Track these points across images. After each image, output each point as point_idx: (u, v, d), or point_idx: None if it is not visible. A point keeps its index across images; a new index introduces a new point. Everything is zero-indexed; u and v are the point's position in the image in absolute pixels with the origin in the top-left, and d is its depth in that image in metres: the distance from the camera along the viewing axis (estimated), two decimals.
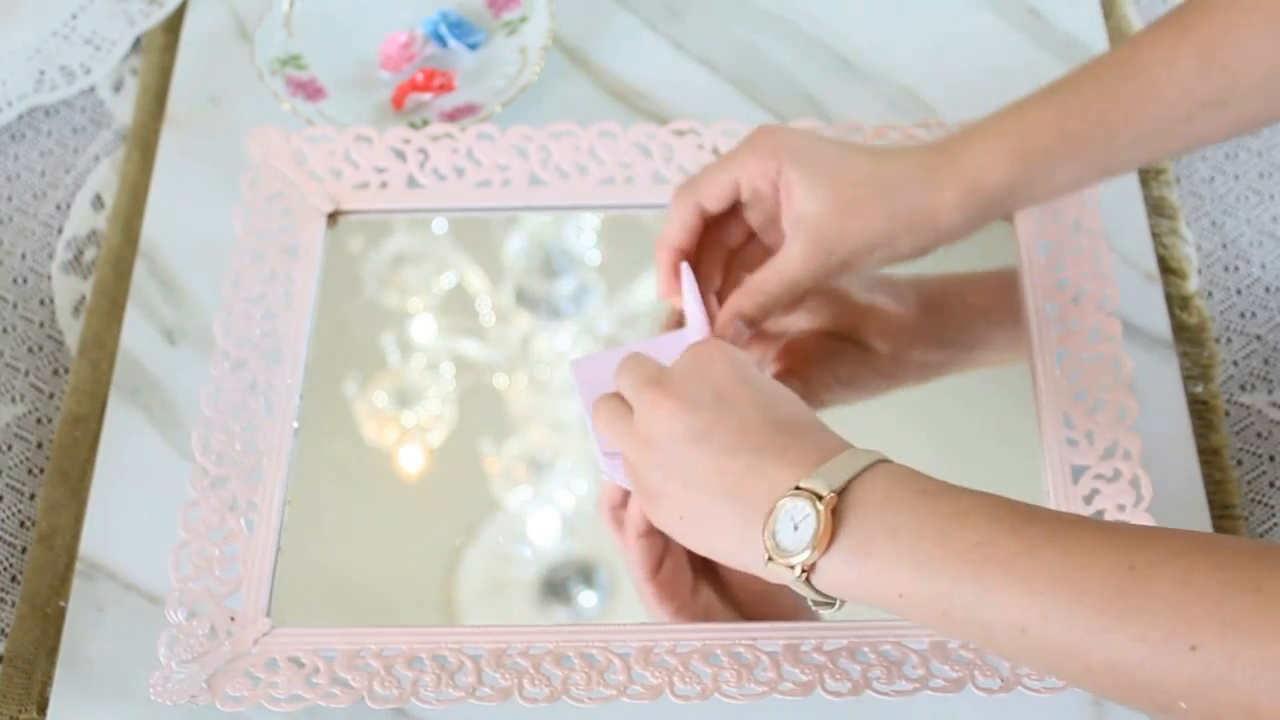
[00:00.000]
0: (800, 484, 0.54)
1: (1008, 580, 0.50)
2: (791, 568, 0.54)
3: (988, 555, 0.51)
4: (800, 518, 0.54)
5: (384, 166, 0.80)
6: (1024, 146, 0.65)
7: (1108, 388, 0.71)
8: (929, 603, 0.52)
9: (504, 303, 0.78)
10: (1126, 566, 0.49)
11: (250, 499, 0.70)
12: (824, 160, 0.66)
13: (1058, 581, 0.50)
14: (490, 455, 0.73)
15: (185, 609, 0.67)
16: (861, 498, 0.54)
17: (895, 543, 0.53)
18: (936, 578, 0.52)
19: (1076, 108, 0.65)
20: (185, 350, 0.77)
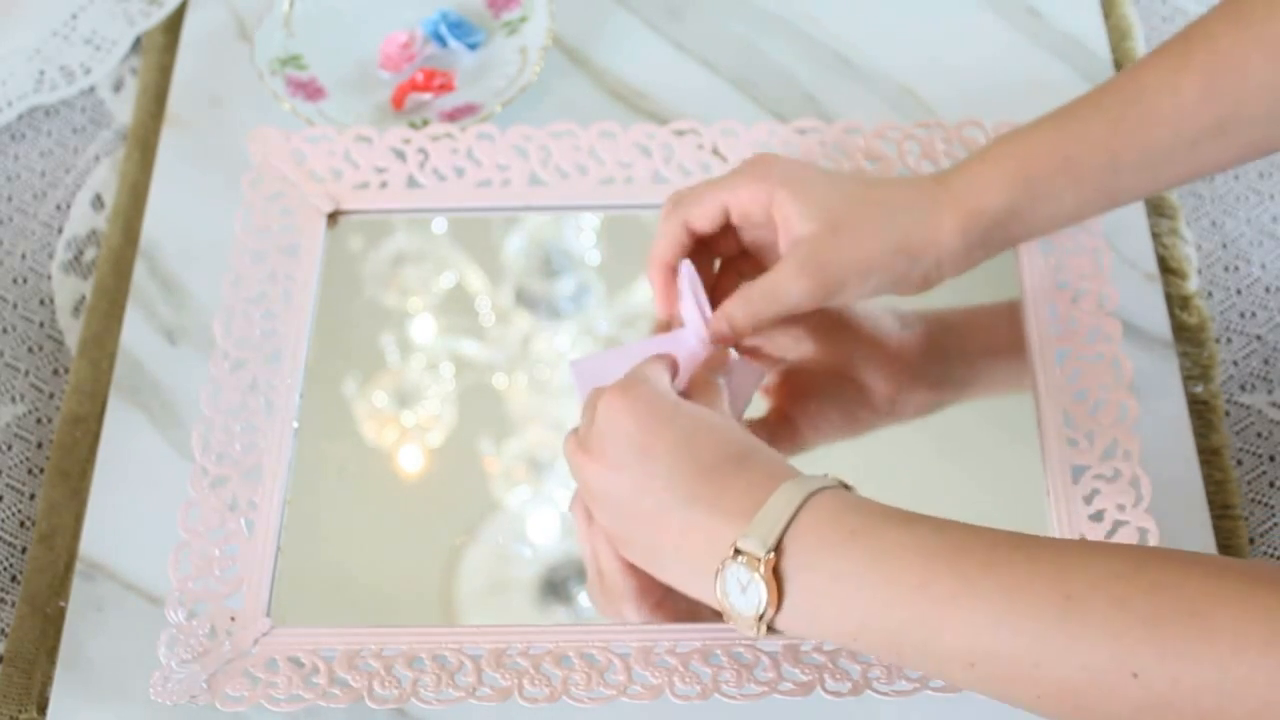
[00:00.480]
0: (738, 545, 0.55)
1: (951, 619, 0.52)
2: (750, 627, 0.56)
3: (930, 595, 0.52)
4: (745, 581, 0.55)
5: (384, 166, 0.80)
6: (1024, 171, 0.65)
7: (1108, 388, 0.71)
8: (882, 644, 0.54)
9: (504, 302, 0.78)
10: (1063, 595, 0.50)
11: (250, 499, 0.70)
12: (818, 185, 0.66)
13: (999, 616, 0.51)
14: (490, 455, 0.73)
15: (185, 609, 0.67)
16: (798, 551, 0.55)
17: (840, 591, 0.54)
18: (884, 621, 0.53)
19: (1078, 133, 0.65)
20: (185, 350, 0.77)
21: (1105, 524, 0.67)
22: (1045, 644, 0.50)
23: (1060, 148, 0.65)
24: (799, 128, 0.80)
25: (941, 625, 0.52)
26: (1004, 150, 0.66)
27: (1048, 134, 0.65)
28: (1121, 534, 0.67)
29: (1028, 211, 0.65)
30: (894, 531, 0.54)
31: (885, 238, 0.65)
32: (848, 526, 0.55)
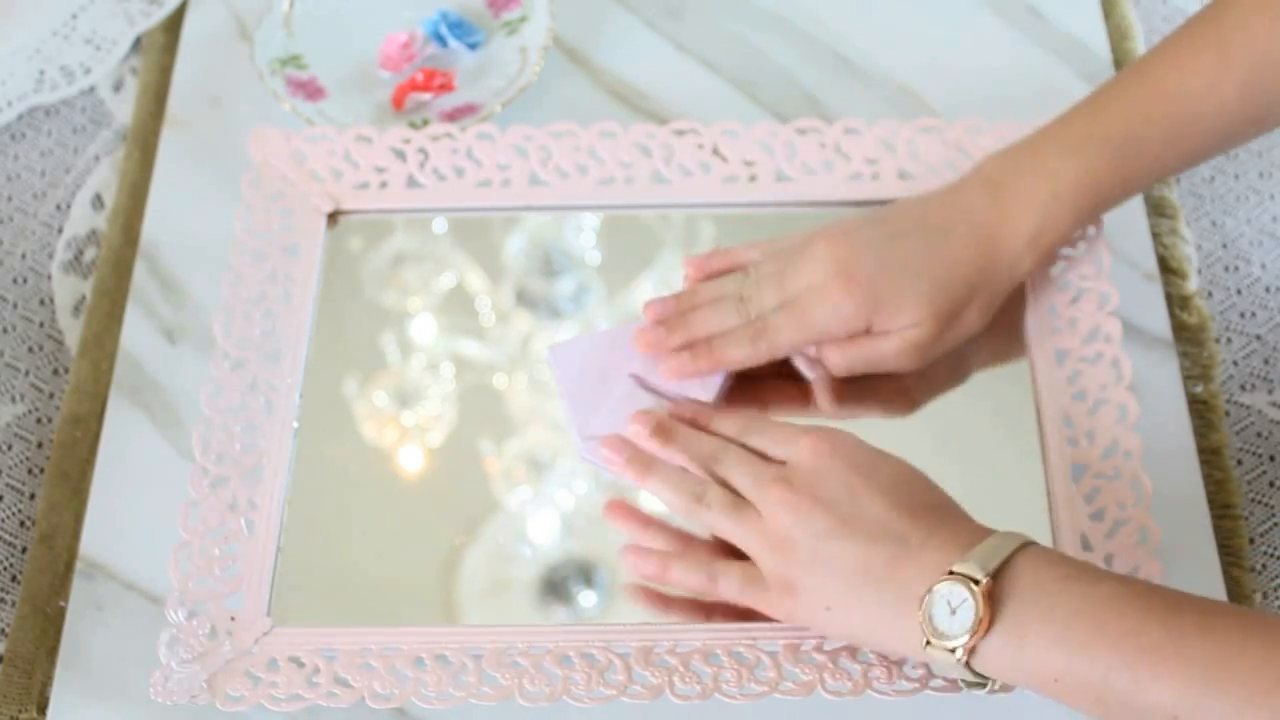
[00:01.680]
0: (954, 568, 0.56)
1: (1159, 671, 0.52)
2: (951, 650, 0.56)
3: (1139, 645, 0.53)
4: (958, 602, 0.56)
5: (384, 166, 0.80)
6: (1091, 202, 0.68)
7: (1108, 387, 0.71)
8: (1083, 689, 0.54)
9: (504, 302, 0.78)
10: (1275, 662, 0.51)
11: (250, 499, 0.70)
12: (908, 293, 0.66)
13: (1207, 676, 0.52)
14: (490, 455, 0.73)
15: (185, 609, 0.66)
16: (1014, 582, 0.56)
17: (1050, 627, 0.55)
18: (1090, 664, 0.54)
19: (1134, 153, 0.67)
20: (185, 350, 0.77)
21: (1105, 523, 0.67)
22: (1253, 707, 0.51)
23: (1121, 173, 0.67)
24: (799, 128, 0.80)
25: (1148, 676, 0.53)
26: (1069, 186, 0.67)
27: (1110, 162, 0.67)
28: (1121, 533, 0.67)
29: (1086, 223, 0.70)
30: (1108, 582, 0.55)
31: (978, 310, 0.68)
32: (1063, 572, 0.56)
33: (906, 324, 0.67)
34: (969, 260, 0.67)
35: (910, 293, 0.66)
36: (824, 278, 0.67)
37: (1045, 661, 0.55)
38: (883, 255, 0.67)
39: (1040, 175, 0.67)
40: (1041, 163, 0.68)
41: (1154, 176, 0.68)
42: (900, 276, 0.66)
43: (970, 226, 0.67)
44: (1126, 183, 0.68)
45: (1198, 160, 0.69)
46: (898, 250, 0.67)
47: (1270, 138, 0.83)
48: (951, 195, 0.69)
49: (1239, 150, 0.83)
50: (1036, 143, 0.69)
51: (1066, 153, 0.67)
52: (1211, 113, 0.66)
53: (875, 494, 0.60)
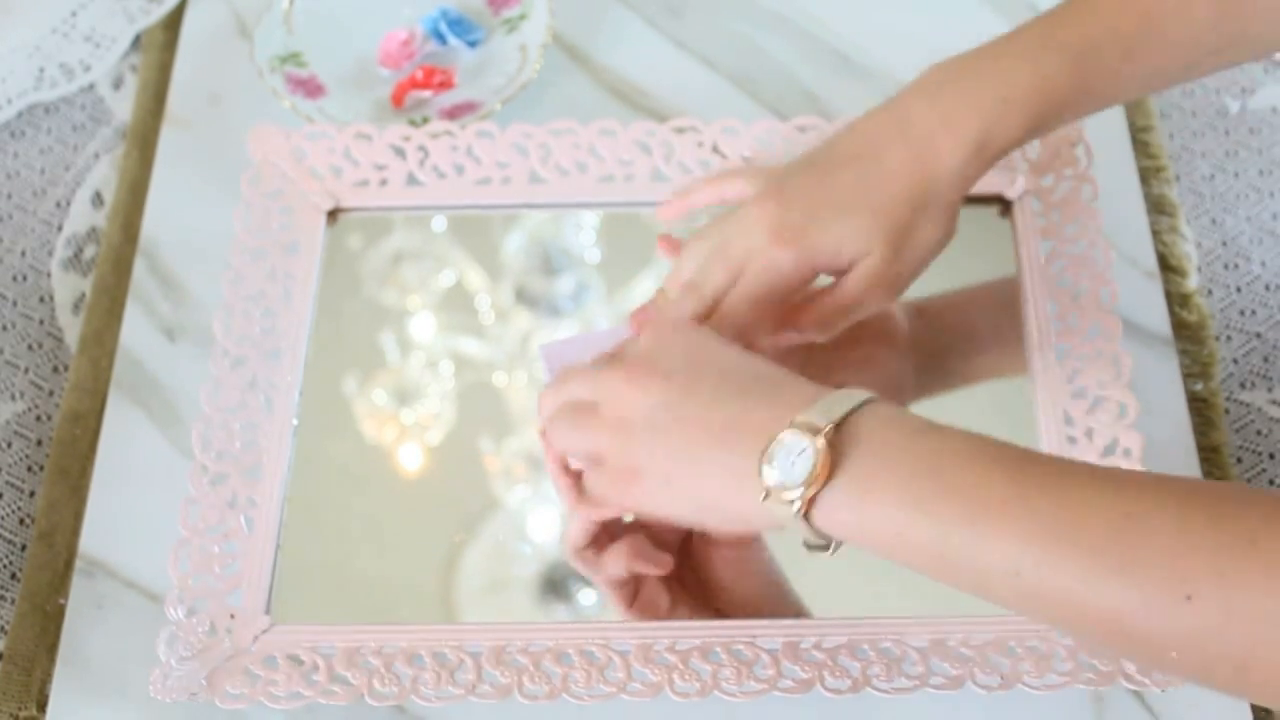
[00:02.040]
0: (795, 419, 0.53)
1: (1002, 523, 0.50)
2: (791, 503, 0.53)
3: (984, 498, 0.50)
4: (797, 451, 0.53)
5: (384, 164, 0.80)
6: (1044, 108, 0.64)
7: (1107, 385, 0.71)
8: (924, 545, 0.51)
9: (503, 301, 0.78)
10: (1122, 514, 0.48)
11: (250, 496, 0.70)
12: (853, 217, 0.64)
13: (1053, 528, 0.49)
14: (490, 453, 0.73)
15: (185, 606, 0.66)
16: (857, 434, 0.53)
17: (893, 479, 0.52)
18: (933, 519, 0.51)
19: (1095, 66, 0.64)
20: (185, 348, 0.77)
21: None
22: (1098, 560, 0.48)
23: (1079, 82, 0.64)
24: (799, 125, 0.80)
25: (991, 530, 0.50)
26: (1023, 89, 0.63)
27: (1069, 69, 0.64)
28: None
29: (1036, 136, 0.66)
30: (958, 438, 0.53)
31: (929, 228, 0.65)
32: (910, 425, 0.53)
33: (855, 256, 0.64)
34: (905, 175, 0.64)
35: (846, 228, 0.63)
36: (759, 239, 0.64)
37: (888, 516, 0.52)
38: (813, 198, 0.64)
39: (988, 77, 0.64)
40: (990, 65, 0.65)
41: (1110, 95, 0.65)
42: (832, 215, 0.64)
43: (906, 140, 0.64)
44: (1083, 95, 0.64)
45: (1156, 84, 0.66)
46: (829, 188, 0.65)
47: (1269, 135, 0.83)
48: (891, 107, 0.66)
49: (1239, 148, 0.83)
50: (986, 48, 0.66)
51: (1019, 57, 0.64)
52: (1178, 31, 0.63)
53: (717, 361, 0.57)
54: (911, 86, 0.66)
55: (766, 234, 0.64)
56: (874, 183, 0.64)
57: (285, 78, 0.84)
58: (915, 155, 0.64)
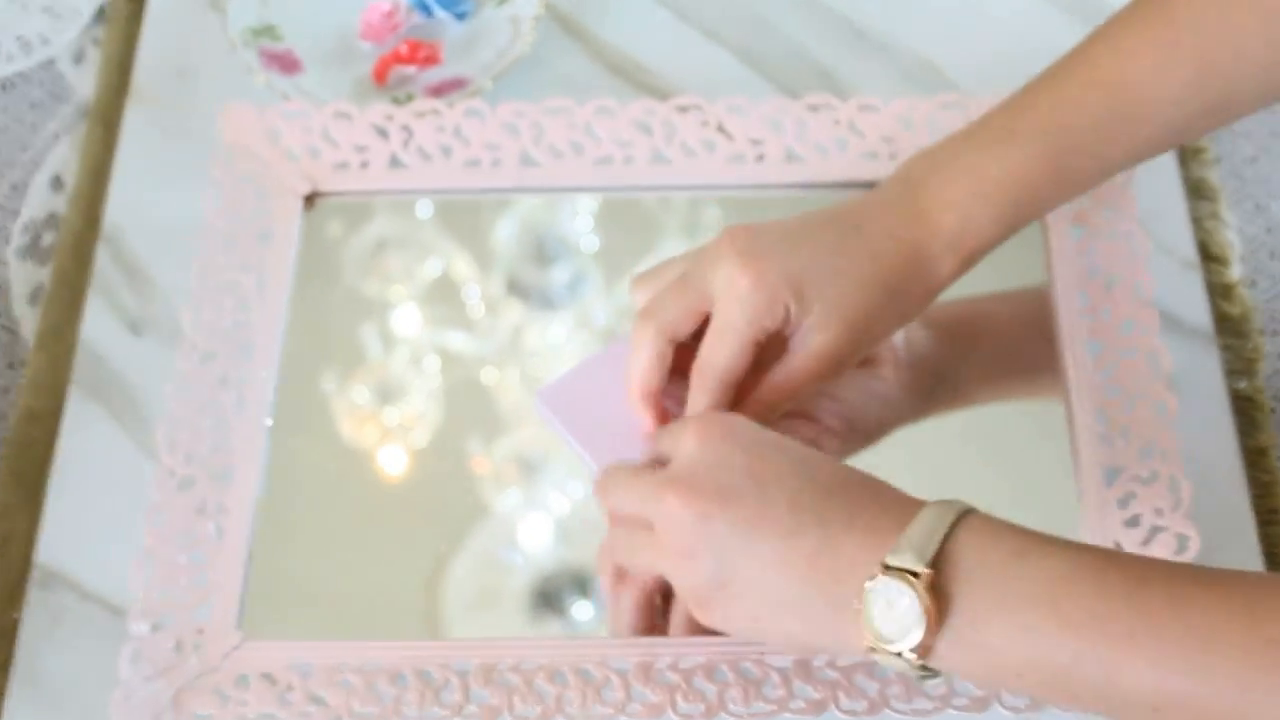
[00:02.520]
0: (888, 561, 0.53)
1: (1134, 659, 0.51)
2: (899, 655, 0.54)
3: (1108, 632, 0.51)
4: (896, 597, 0.53)
5: (365, 145, 0.80)
6: (1018, 200, 0.65)
7: (1144, 383, 0.71)
8: (1050, 682, 0.52)
9: (494, 292, 0.78)
10: (1264, 640, 0.49)
11: (220, 502, 0.69)
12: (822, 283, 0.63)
13: (1190, 660, 0.50)
14: (479, 455, 0.73)
15: (149, 621, 0.66)
16: (958, 565, 0.53)
17: (1008, 619, 0.52)
18: (1055, 654, 0.52)
19: (1069, 147, 0.64)
20: (150, 342, 0.76)
21: (1141, 529, 0.67)
22: (1247, 691, 0.49)
23: (1054, 169, 0.65)
24: (810, 104, 0.80)
25: (1122, 664, 0.51)
26: (995, 183, 0.64)
27: (1040, 158, 0.64)
28: (1159, 540, 0.67)
29: (1015, 229, 0.66)
30: (1061, 556, 0.53)
31: (894, 317, 0.65)
32: (1009, 547, 0.53)
33: (808, 328, 0.63)
34: (888, 255, 0.64)
35: (828, 288, 0.63)
36: (729, 270, 0.63)
37: (1006, 656, 0.52)
38: (796, 242, 0.64)
39: (959, 170, 0.65)
40: (961, 158, 0.65)
41: (1093, 175, 0.66)
42: (815, 266, 0.63)
43: (886, 224, 0.65)
44: (1060, 180, 0.65)
45: (1145, 156, 0.67)
46: (811, 239, 0.64)
47: None
48: (868, 196, 0.67)
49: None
50: (958, 138, 0.67)
51: (989, 146, 0.65)
52: (1156, 103, 0.64)
53: (783, 475, 0.56)
54: (889, 179, 0.67)
55: (738, 263, 0.63)
56: (858, 251, 0.64)
57: (259, 52, 0.83)
58: (896, 239, 0.64)
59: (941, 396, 0.73)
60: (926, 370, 0.73)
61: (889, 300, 0.64)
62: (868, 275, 0.64)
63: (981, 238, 0.65)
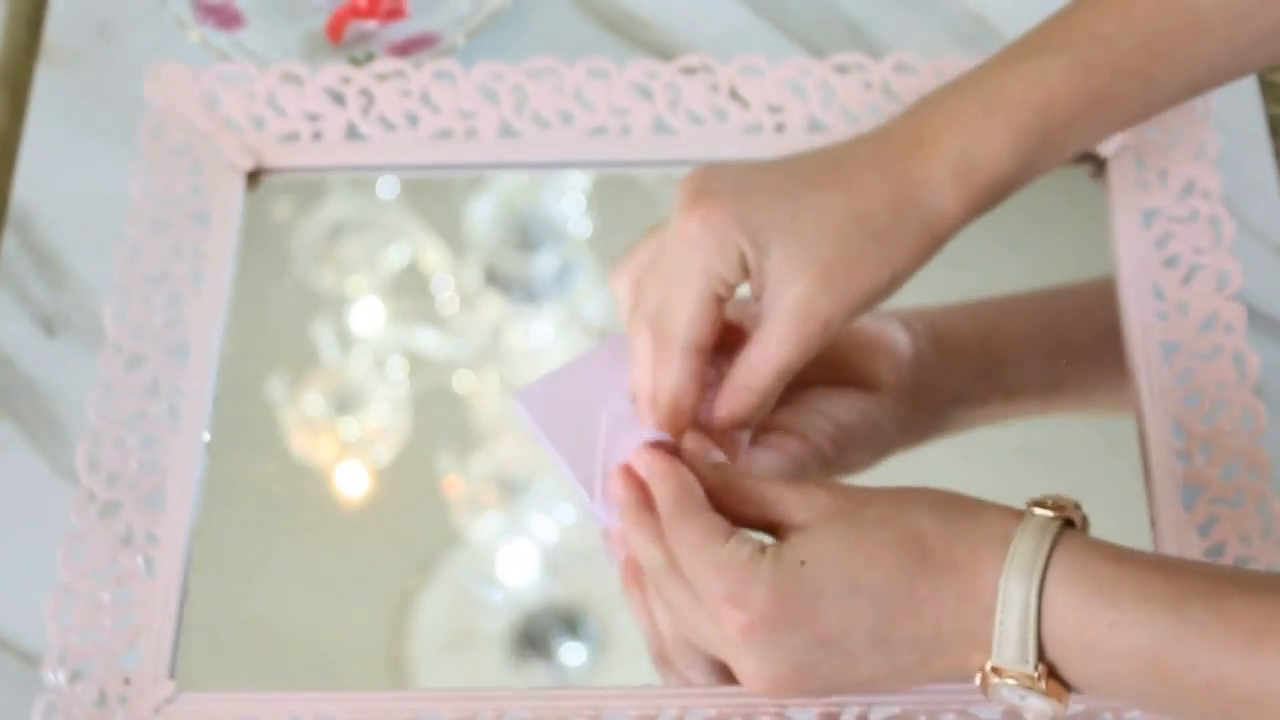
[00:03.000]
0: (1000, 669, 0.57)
1: None
2: None
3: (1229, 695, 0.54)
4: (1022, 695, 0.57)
5: (317, 113, 0.80)
6: (1041, 122, 0.63)
7: (1228, 389, 0.71)
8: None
9: (469, 283, 0.78)
10: None
11: (149, 530, 0.69)
12: (782, 227, 0.62)
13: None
14: (452, 474, 0.73)
15: (67, 669, 0.66)
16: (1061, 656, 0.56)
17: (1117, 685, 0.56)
18: None
19: (1103, 62, 0.63)
20: (67, 343, 0.77)
21: (1226, 560, 0.67)
22: None
23: (1083, 85, 0.63)
24: (837, 64, 0.80)
25: None
26: (1009, 95, 0.63)
27: (1065, 70, 0.63)
28: None
29: (1041, 163, 0.65)
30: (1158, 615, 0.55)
31: (885, 263, 0.63)
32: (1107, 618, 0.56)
33: (775, 279, 0.62)
34: (869, 188, 0.63)
35: (789, 227, 0.62)
36: (677, 216, 0.63)
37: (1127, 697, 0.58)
38: (755, 180, 0.63)
39: (973, 90, 0.64)
40: (978, 78, 0.64)
41: (1137, 103, 0.64)
42: (775, 204, 0.62)
43: (872, 154, 0.64)
44: (1096, 104, 0.64)
45: (1203, 85, 0.66)
46: (775, 176, 0.64)
47: None
48: (872, 132, 0.66)
49: None
50: (985, 62, 0.66)
51: (1011, 64, 0.64)
52: (1217, 18, 0.63)
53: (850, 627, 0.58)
54: (901, 113, 0.66)
55: (689, 204, 0.63)
56: (821, 184, 0.63)
57: (193, 4, 0.83)
58: (884, 168, 0.63)
59: (957, 418, 0.73)
60: (935, 394, 0.73)
61: (872, 243, 0.63)
62: (841, 211, 0.62)
63: (994, 166, 0.63)
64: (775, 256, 0.62)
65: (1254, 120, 0.81)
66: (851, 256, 0.62)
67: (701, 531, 0.58)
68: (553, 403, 0.67)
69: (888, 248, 0.63)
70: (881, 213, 0.63)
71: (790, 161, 0.65)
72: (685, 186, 0.63)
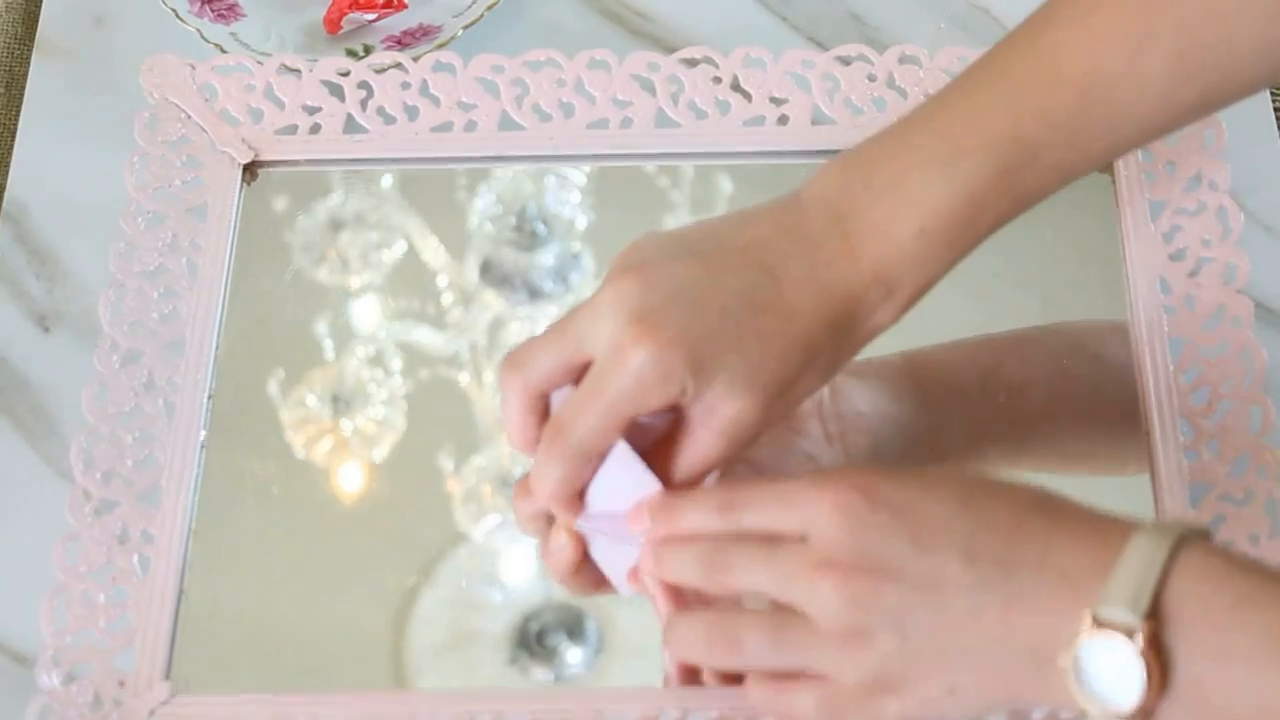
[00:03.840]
0: (1099, 615, 0.54)
1: None
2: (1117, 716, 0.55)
3: None
4: (1112, 657, 0.54)
5: (316, 106, 0.80)
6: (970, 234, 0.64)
7: (1235, 385, 0.70)
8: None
9: (468, 279, 0.78)
10: None
11: (145, 529, 0.69)
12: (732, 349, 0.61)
13: None
14: (451, 473, 0.73)
15: (62, 670, 0.66)
16: (1178, 615, 0.54)
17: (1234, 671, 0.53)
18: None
19: (1027, 161, 0.63)
20: (62, 339, 0.76)
21: None
22: None
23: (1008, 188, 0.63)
24: (841, 55, 0.80)
25: None
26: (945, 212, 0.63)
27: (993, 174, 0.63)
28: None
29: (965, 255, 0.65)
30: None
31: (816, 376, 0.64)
32: (1236, 591, 0.54)
33: (715, 401, 0.62)
34: (810, 312, 0.63)
35: (733, 356, 0.61)
36: (616, 335, 0.61)
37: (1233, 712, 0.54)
38: (696, 302, 0.62)
39: (899, 202, 0.64)
40: (899, 182, 0.64)
41: (1054, 187, 0.65)
42: (720, 332, 0.62)
43: (808, 270, 0.63)
44: (1018, 200, 0.64)
45: (1114, 157, 0.67)
46: (715, 295, 0.62)
47: None
48: (785, 220, 0.65)
49: None
50: (892, 149, 0.65)
51: (934, 168, 0.64)
52: (1132, 101, 0.63)
53: (949, 528, 0.57)
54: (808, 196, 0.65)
55: (625, 325, 0.61)
56: (763, 307, 0.62)
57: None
58: (821, 288, 0.63)
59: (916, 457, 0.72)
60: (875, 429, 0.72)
61: (811, 361, 0.63)
62: (784, 337, 0.62)
63: (926, 279, 0.64)
64: (718, 385, 0.61)
65: (1262, 111, 0.80)
66: (789, 378, 0.62)
67: None
68: None
69: (824, 365, 0.64)
70: (819, 334, 0.63)
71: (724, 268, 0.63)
72: (622, 304, 0.61)
